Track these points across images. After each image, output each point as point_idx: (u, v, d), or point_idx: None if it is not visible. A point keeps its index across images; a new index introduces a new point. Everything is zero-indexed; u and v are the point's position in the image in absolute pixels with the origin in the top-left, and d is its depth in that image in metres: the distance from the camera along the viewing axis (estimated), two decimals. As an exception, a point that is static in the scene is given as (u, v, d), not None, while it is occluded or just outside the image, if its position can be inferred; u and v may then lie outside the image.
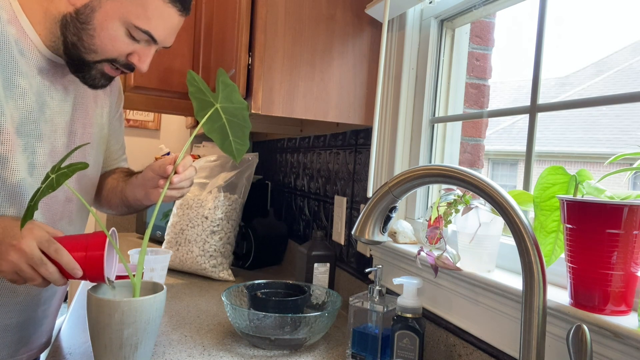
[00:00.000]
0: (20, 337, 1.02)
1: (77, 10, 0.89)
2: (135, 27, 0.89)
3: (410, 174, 0.69)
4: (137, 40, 0.92)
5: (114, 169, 1.23)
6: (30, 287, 0.99)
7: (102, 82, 0.97)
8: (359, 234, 0.71)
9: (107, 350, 0.86)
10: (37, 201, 0.79)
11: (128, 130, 2.62)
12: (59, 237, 0.85)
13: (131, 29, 0.90)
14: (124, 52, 0.92)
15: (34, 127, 0.94)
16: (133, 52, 0.93)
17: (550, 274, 0.79)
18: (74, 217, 1.07)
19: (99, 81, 0.96)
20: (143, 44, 0.93)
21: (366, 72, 1.29)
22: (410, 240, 1.13)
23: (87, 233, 0.91)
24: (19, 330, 1.01)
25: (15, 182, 0.91)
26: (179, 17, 0.94)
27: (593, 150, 4.83)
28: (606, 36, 8.90)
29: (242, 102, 1.01)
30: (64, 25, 0.90)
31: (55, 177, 0.80)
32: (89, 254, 0.84)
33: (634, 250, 0.63)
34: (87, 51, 0.91)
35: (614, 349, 0.63)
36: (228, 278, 1.63)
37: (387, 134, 1.25)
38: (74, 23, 0.89)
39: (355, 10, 1.27)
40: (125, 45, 0.92)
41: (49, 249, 0.81)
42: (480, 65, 1.19)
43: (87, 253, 0.84)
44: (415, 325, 0.91)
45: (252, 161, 1.77)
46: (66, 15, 0.90)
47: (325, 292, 1.25)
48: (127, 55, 0.93)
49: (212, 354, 1.03)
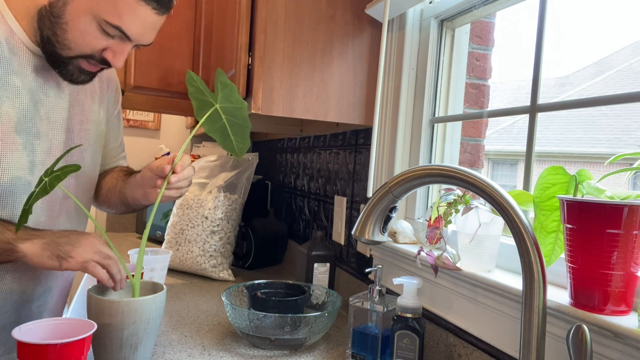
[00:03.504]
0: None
1: (50, 3, 0.88)
2: (106, 21, 0.87)
3: (410, 174, 0.69)
4: (110, 35, 0.90)
5: (113, 168, 1.22)
6: (23, 283, 0.99)
7: (81, 78, 0.96)
8: (359, 234, 0.71)
9: (107, 350, 0.86)
10: (32, 205, 0.79)
11: (128, 130, 2.62)
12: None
13: (102, 23, 0.88)
14: (96, 47, 0.91)
15: (31, 124, 0.94)
16: (107, 47, 0.91)
17: (550, 274, 0.78)
18: (72, 213, 1.07)
19: (77, 76, 0.95)
20: (117, 39, 0.91)
21: (366, 72, 1.29)
22: (410, 240, 1.13)
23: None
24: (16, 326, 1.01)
25: (7, 180, 0.91)
26: (156, 16, 0.91)
27: (593, 150, 4.83)
28: (606, 36, 8.90)
29: (241, 102, 1.01)
30: (40, 19, 0.89)
31: (49, 180, 0.80)
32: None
33: (634, 250, 0.63)
34: (61, 47, 0.90)
35: (614, 349, 0.63)
36: (228, 278, 1.63)
37: (387, 134, 1.25)
38: (48, 17, 0.89)
39: (355, 10, 1.27)
40: (97, 41, 0.90)
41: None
42: (480, 65, 1.19)
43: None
44: (415, 325, 0.91)
45: (252, 161, 1.77)
46: (42, 9, 0.89)
47: (325, 292, 1.25)
48: (101, 50, 0.92)
49: (212, 354, 1.03)
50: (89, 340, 0.77)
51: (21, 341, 0.73)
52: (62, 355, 0.73)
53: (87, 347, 0.77)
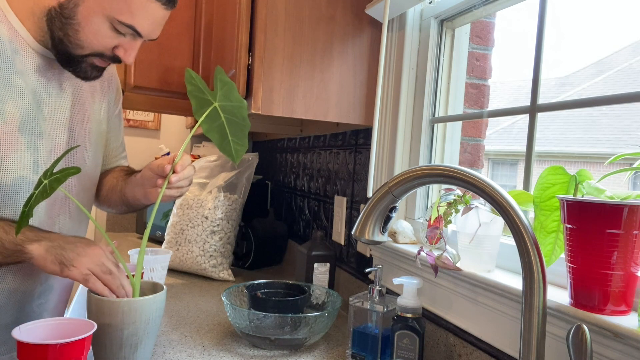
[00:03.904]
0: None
1: (60, 4, 0.89)
2: (119, 21, 0.89)
3: (410, 174, 0.69)
4: (122, 33, 0.92)
5: (114, 168, 1.22)
6: (25, 282, 0.99)
7: (94, 74, 0.98)
8: (359, 234, 0.71)
9: (107, 350, 0.86)
10: (32, 207, 0.78)
11: (128, 130, 2.62)
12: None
13: (115, 23, 0.89)
14: (109, 45, 0.93)
15: (34, 124, 0.94)
16: (119, 45, 0.93)
17: (550, 274, 0.78)
18: (73, 213, 1.07)
19: (90, 73, 0.97)
20: (128, 37, 0.93)
21: (366, 72, 1.29)
22: (410, 240, 1.13)
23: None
24: (17, 325, 1.01)
25: (9, 181, 0.91)
26: (164, 11, 0.93)
27: (593, 150, 4.83)
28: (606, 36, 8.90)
29: (240, 101, 1.00)
30: (50, 20, 0.90)
31: (49, 182, 0.80)
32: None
33: (634, 250, 0.63)
34: (74, 46, 0.91)
35: (614, 349, 0.63)
36: (228, 278, 1.63)
37: (387, 134, 1.25)
38: (58, 18, 0.90)
39: (355, 10, 1.27)
40: (110, 40, 0.92)
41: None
42: (480, 65, 1.19)
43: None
44: (415, 325, 0.91)
45: (252, 161, 1.77)
46: (51, 10, 0.90)
47: (325, 292, 1.25)
48: (113, 48, 0.93)
49: (212, 354, 1.03)
50: (89, 340, 0.77)
51: (21, 341, 0.73)
52: (62, 355, 0.73)
53: (87, 347, 0.77)
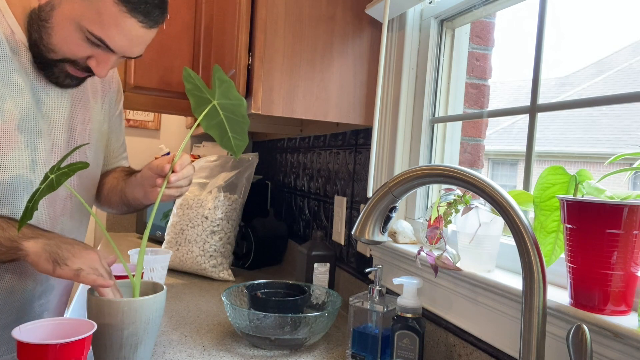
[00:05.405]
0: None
1: (39, 6, 0.88)
2: (89, 32, 0.87)
3: (410, 174, 0.69)
4: (95, 45, 0.89)
5: (115, 168, 1.23)
6: (24, 282, 0.99)
7: (67, 82, 0.96)
8: (359, 234, 0.71)
9: (107, 351, 0.86)
10: (37, 202, 0.79)
11: (128, 130, 2.61)
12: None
13: (86, 33, 0.87)
14: (80, 54, 0.90)
15: (33, 123, 0.94)
16: (92, 55, 0.91)
17: (550, 274, 0.78)
18: (74, 213, 1.07)
19: (63, 80, 0.95)
20: (102, 49, 0.90)
21: (366, 72, 1.29)
22: (410, 240, 1.13)
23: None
24: (17, 325, 1.01)
25: (8, 179, 0.91)
26: (142, 29, 0.89)
27: (593, 150, 4.83)
28: (606, 36, 8.90)
29: (239, 99, 1.00)
30: (30, 21, 0.90)
31: (55, 177, 0.80)
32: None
33: (634, 250, 0.63)
34: (46, 50, 0.90)
35: (614, 349, 0.63)
36: (228, 278, 1.63)
37: (387, 134, 1.25)
38: (36, 20, 0.89)
39: (355, 10, 1.27)
40: (81, 48, 0.89)
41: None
42: (480, 65, 1.19)
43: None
44: (415, 325, 0.91)
45: (252, 161, 1.77)
46: (32, 12, 0.90)
47: (325, 292, 1.25)
48: (85, 58, 0.91)
49: (212, 354, 1.03)
50: (89, 340, 0.77)
51: (21, 341, 0.73)
52: (62, 355, 0.73)
53: (87, 347, 0.77)
